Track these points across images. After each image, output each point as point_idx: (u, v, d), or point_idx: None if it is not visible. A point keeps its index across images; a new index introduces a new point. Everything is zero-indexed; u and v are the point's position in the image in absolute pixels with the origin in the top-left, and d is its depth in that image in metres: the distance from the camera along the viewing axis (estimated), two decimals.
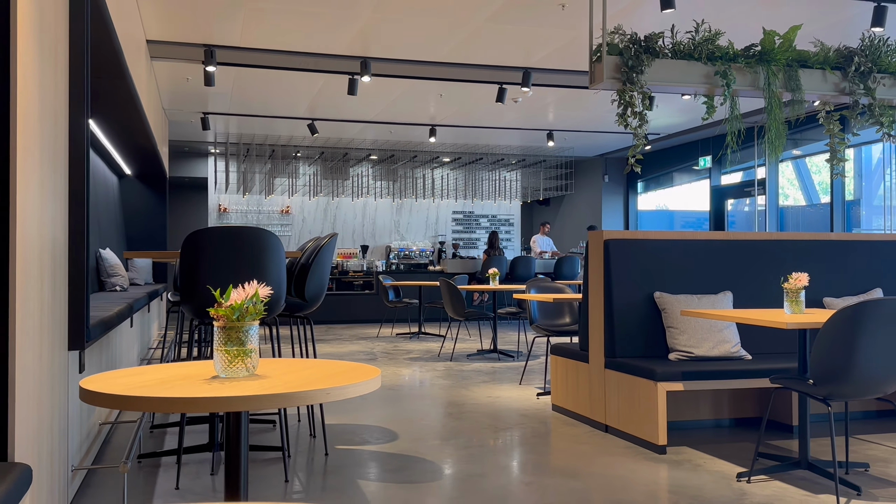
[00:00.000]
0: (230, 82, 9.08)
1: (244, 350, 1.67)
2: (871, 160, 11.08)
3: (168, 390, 1.61)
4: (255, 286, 1.70)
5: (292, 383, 1.61)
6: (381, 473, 3.79)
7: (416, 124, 11.66)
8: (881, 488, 3.46)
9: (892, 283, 5.02)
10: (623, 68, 4.48)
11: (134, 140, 7.16)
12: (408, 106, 10.45)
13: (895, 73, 4.86)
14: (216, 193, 14.10)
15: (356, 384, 1.58)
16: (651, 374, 4.16)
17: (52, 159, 2.60)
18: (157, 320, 9.85)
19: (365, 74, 7.91)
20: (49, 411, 2.53)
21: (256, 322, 1.70)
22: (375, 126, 11.88)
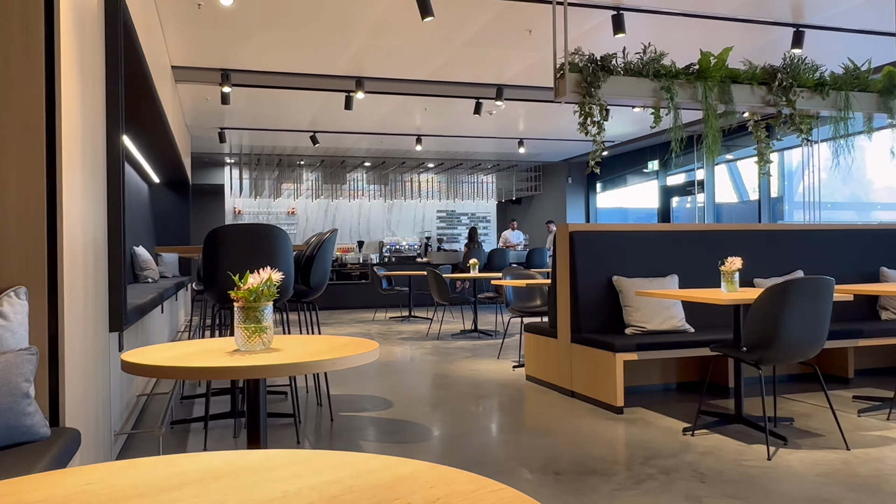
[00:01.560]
0: (244, 101, 9.03)
1: (260, 327, 1.69)
2: (792, 163, 11.21)
3: (197, 361, 1.62)
4: (268, 271, 1.72)
5: (303, 355, 1.63)
6: (379, 436, 3.81)
7: (404, 134, 11.65)
8: (804, 438, 3.53)
9: (812, 265, 5.09)
10: (583, 84, 4.50)
11: (161, 152, 7.12)
12: (397, 118, 10.44)
13: (812, 87, 4.91)
14: (231, 197, 14.03)
15: (358, 355, 1.60)
16: (610, 346, 4.21)
17: (93, 169, 2.59)
18: (184, 308, 9.80)
19: (359, 91, 7.90)
20: (94, 384, 2.53)
21: (270, 302, 1.72)
22: (369, 136, 11.85)
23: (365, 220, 14.95)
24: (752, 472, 2.98)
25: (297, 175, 14.28)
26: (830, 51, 6.67)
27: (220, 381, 4.53)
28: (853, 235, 5.36)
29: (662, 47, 4.92)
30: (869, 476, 2.90)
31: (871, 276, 5.22)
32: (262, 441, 1.73)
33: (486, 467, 3.13)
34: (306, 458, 0.80)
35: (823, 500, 2.64)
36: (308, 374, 4.91)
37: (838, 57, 5.61)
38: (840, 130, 5.19)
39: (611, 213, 15.71)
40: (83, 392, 2.28)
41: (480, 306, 11.78)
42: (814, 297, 3.22)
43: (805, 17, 6.20)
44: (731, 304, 3.56)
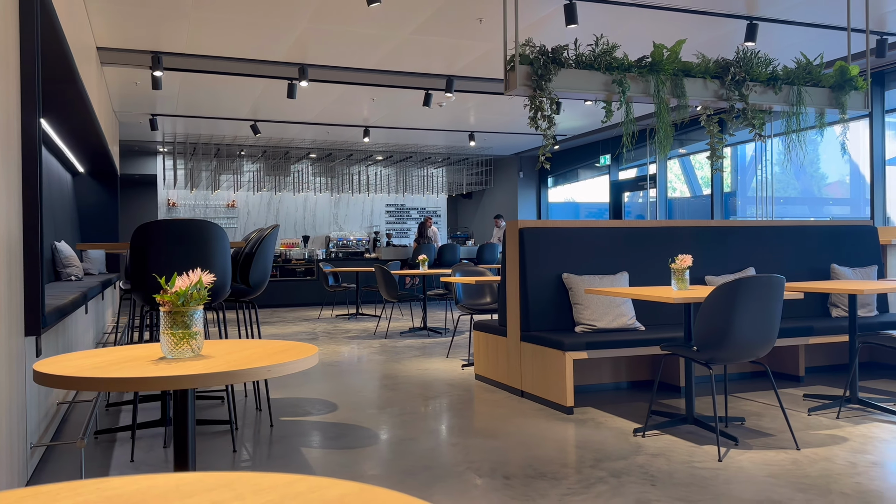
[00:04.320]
0: (177, 86, 8.78)
1: (189, 333, 1.63)
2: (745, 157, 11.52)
3: (116, 371, 1.55)
4: (198, 273, 1.65)
5: (235, 362, 1.57)
6: (322, 441, 3.75)
7: (351, 125, 11.53)
8: (754, 438, 3.62)
9: (763, 262, 5.23)
10: (533, 77, 4.51)
11: (86, 140, 6.86)
12: (343, 109, 10.32)
13: (765, 81, 5.04)
14: (165, 189, 13.66)
15: (294, 361, 1.55)
16: (560, 344, 4.24)
17: (5, 157, 2.46)
18: (111, 307, 9.49)
19: (303, 80, 7.77)
20: (7, 393, 2.41)
21: (200, 307, 1.65)
22: (314, 127, 11.69)
23: (310, 214, 14.76)
24: (702, 474, 3.04)
25: (238, 166, 13.99)
26: (783, 45, 6.88)
27: None
28: (805, 232, 5.53)
29: (616, 39, 4.97)
30: (818, 476, 2.99)
31: (823, 273, 5.40)
32: (190, 457, 1.67)
33: (433, 472, 3.11)
34: (227, 481, 0.76)
35: (773, 501, 2.71)
36: None
37: (791, 51, 5.78)
38: (792, 125, 5.34)
39: (563, 207, 15.89)
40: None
41: (430, 303, 11.78)
42: (764, 295, 3.30)
43: (759, 10, 6.36)
44: (681, 303, 3.62)
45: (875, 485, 2.88)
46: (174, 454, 1.70)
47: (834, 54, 6.65)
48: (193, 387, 1.45)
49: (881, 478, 2.97)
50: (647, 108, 5.40)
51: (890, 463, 3.19)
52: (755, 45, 5.91)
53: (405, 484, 2.98)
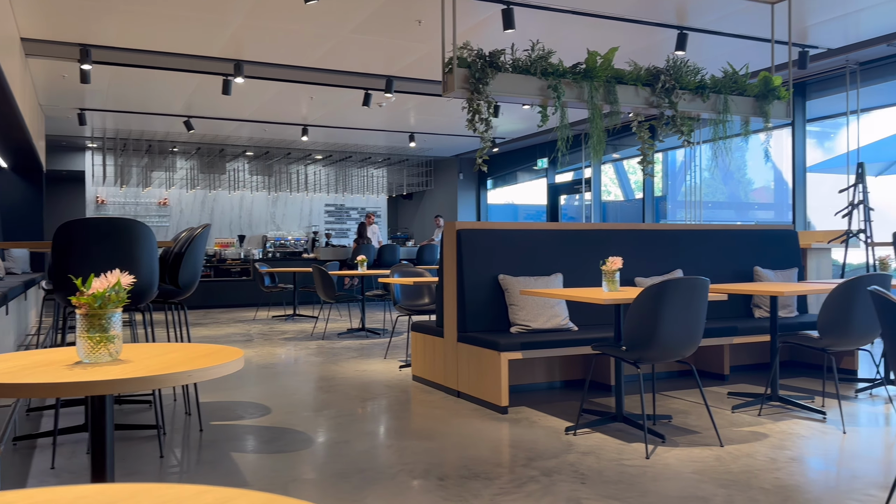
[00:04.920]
0: (106, 80, 8.48)
1: (107, 336, 1.56)
2: (675, 163, 11.86)
3: (29, 376, 1.48)
4: (116, 275, 1.59)
5: (154, 367, 1.52)
6: (253, 445, 3.68)
7: (289, 124, 11.36)
8: (681, 435, 3.72)
9: (691, 265, 5.39)
10: (471, 79, 4.53)
11: (8, 134, 6.56)
12: (281, 106, 10.15)
13: (693, 89, 5.19)
14: (94, 186, 13.17)
15: (217, 366, 1.51)
16: (495, 345, 4.27)
17: None
18: (35, 308, 9.09)
19: (238, 76, 7.61)
20: None
21: (119, 309, 1.59)
22: (250, 124, 11.46)
23: (247, 213, 14.48)
24: (630, 472, 3.11)
25: (170, 163, 13.60)
26: (712, 55, 7.10)
27: None
28: (730, 236, 5.73)
29: (552, 45, 5.04)
30: (740, 472, 3.10)
31: (746, 276, 5.59)
32: (108, 465, 1.60)
33: (366, 475, 3.09)
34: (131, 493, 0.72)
35: (697, 497, 2.79)
36: None
37: (719, 61, 5.97)
38: (719, 132, 5.52)
39: (502, 209, 16.04)
40: None
41: (369, 304, 11.70)
42: (689, 297, 3.39)
43: (689, 20, 6.55)
44: (611, 304, 3.69)
45: (793, 479, 2.99)
46: (91, 462, 1.63)
47: (759, 65, 6.91)
48: (109, 393, 1.39)
49: (799, 472, 3.09)
50: (583, 113, 5.49)
51: (807, 458, 3.33)
52: (685, 55, 6.08)
53: (337, 488, 2.95)
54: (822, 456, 3.38)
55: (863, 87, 8.01)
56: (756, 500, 2.75)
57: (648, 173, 5.70)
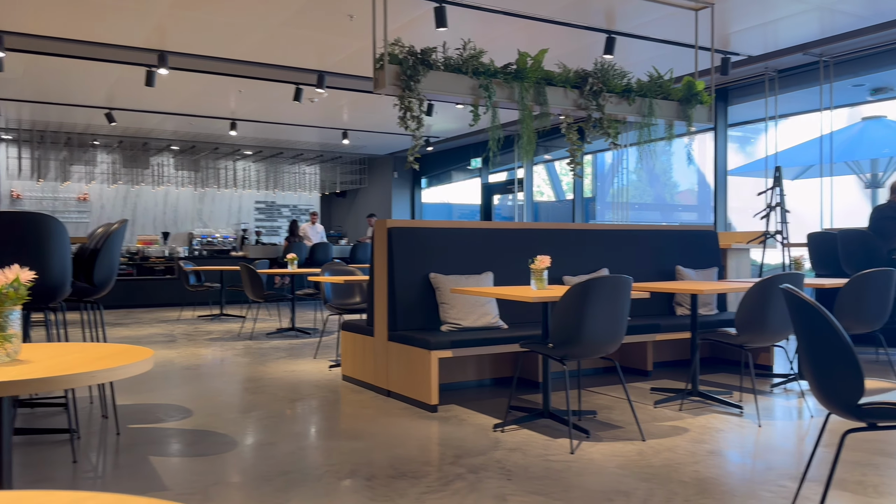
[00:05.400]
0: (21, 68, 8.07)
1: (3, 335, 1.47)
2: (604, 165, 12.14)
3: None
4: (16, 270, 1.50)
5: (55, 367, 1.44)
6: (174, 449, 3.56)
7: (216, 117, 11.07)
8: (605, 430, 3.80)
9: (617, 264, 5.51)
10: (402, 76, 4.51)
11: None
12: (208, 100, 9.88)
13: (620, 93, 5.31)
14: (8, 179, 12.53)
15: (124, 366, 1.44)
16: (426, 343, 4.26)
17: None
18: None
19: (162, 67, 7.37)
20: None
21: (18, 307, 1.50)
22: (176, 117, 11.12)
23: (172, 210, 14.04)
24: (555, 467, 3.15)
25: (91, 156, 13.07)
26: (638, 59, 7.29)
27: None
28: (654, 235, 5.89)
29: (484, 45, 5.07)
30: (661, 466, 3.18)
31: (669, 274, 5.76)
32: (6, 472, 1.51)
33: (291, 477, 3.03)
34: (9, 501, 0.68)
35: (619, 492, 2.85)
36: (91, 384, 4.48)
37: (645, 65, 6.14)
38: (644, 136, 5.66)
39: (437, 208, 16.08)
40: None
41: (300, 304, 11.52)
42: (613, 294, 3.47)
43: (617, 25, 6.71)
44: (539, 302, 3.74)
45: (711, 472, 3.10)
46: None
47: (683, 70, 7.12)
48: (4, 395, 1.31)
49: (717, 465, 3.20)
50: (515, 113, 5.54)
51: (725, 451, 3.45)
52: (613, 58, 6.23)
53: (261, 490, 2.88)
54: (739, 449, 3.51)
55: (781, 93, 8.38)
56: (675, 493, 2.83)
57: (577, 174, 5.81)
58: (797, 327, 2.38)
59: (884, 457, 3.28)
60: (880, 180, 9.53)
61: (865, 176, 10.29)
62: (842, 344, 2.19)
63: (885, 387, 2.40)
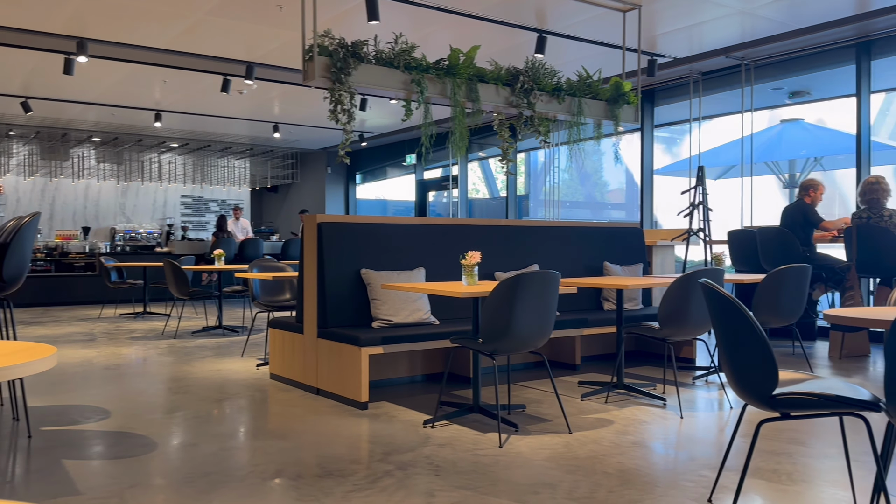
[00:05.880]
0: None
1: None
2: (537, 163, 12.31)
3: None
4: None
5: None
6: (89, 451, 3.41)
7: (140, 108, 10.68)
8: (534, 424, 3.85)
9: (547, 260, 5.59)
10: (332, 69, 4.44)
11: None
12: (131, 90, 9.52)
13: (550, 91, 5.37)
14: None
15: (21, 364, 1.36)
16: (356, 340, 4.22)
17: None
18: None
19: (81, 55, 7.06)
20: None
21: None
22: (97, 108, 10.68)
23: (93, 204, 13.49)
24: (484, 462, 3.17)
25: (6, 147, 12.41)
26: (568, 59, 7.42)
27: None
28: (583, 232, 6.00)
29: (417, 40, 5.05)
30: (586, 458, 3.24)
31: (597, 270, 5.88)
32: None
33: (213, 478, 2.95)
34: None
35: (545, 484, 2.89)
36: (2, 383, 4.26)
37: (575, 65, 6.24)
38: (574, 135, 5.76)
39: (372, 204, 15.96)
40: None
41: (228, 301, 11.26)
42: (541, 290, 3.51)
43: (548, 24, 6.79)
44: (469, 297, 3.76)
45: (634, 463, 3.17)
46: None
47: (611, 71, 7.28)
48: None
49: (640, 456, 3.28)
50: (449, 110, 5.55)
51: (648, 442, 3.54)
52: (544, 57, 6.30)
53: (180, 493, 2.79)
54: (662, 440, 3.61)
55: (705, 95, 8.67)
56: (600, 484, 2.88)
57: (510, 172, 5.86)
58: (715, 321, 2.46)
59: (797, 445, 3.44)
60: (797, 180, 10.00)
61: (784, 176, 10.76)
62: (756, 336, 2.28)
63: (798, 378, 2.51)
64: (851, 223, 6.17)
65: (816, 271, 6.16)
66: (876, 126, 9.29)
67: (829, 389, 2.31)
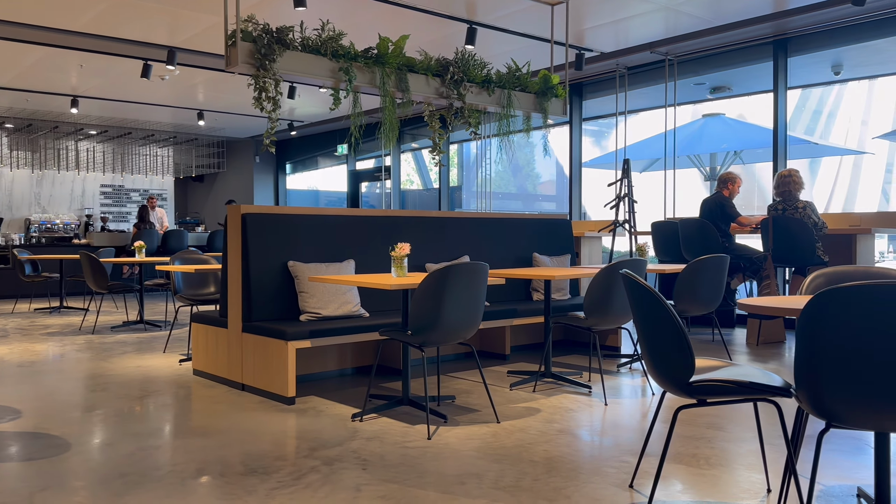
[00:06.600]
0: None
1: None
2: (470, 155, 12.36)
3: None
4: None
5: None
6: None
7: (55, 94, 10.17)
8: (463, 415, 3.86)
9: (478, 251, 5.62)
10: (256, 55, 4.32)
11: None
12: (45, 74, 9.06)
13: (480, 83, 5.38)
14: None
15: None
16: (282, 334, 4.14)
17: None
18: None
19: None
20: None
21: None
22: (9, 93, 10.12)
23: (6, 193, 12.81)
24: (412, 454, 3.16)
25: None
26: (498, 51, 7.45)
27: None
28: (513, 224, 6.05)
29: (345, 28, 4.96)
30: (513, 447, 3.27)
31: (527, 261, 5.95)
32: None
33: (129, 479, 2.84)
34: None
35: (472, 474, 2.90)
36: None
37: (504, 57, 6.26)
38: (504, 127, 5.79)
39: (304, 195, 15.70)
40: None
41: (150, 294, 10.89)
42: (469, 281, 3.52)
43: (478, 16, 6.80)
44: (398, 289, 3.73)
45: (559, 450, 3.22)
46: None
47: (540, 64, 7.35)
48: None
49: (566, 444, 3.34)
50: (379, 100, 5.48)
51: (574, 430, 3.60)
52: (474, 49, 6.31)
53: (95, 496, 2.68)
54: (587, 427, 3.69)
55: (630, 90, 8.87)
56: (525, 472, 2.92)
57: (441, 163, 5.85)
58: (634, 310, 2.51)
59: (715, 430, 3.56)
60: (718, 173, 10.36)
61: (705, 169, 11.14)
62: (673, 325, 2.34)
63: (714, 365, 2.59)
64: (767, 215, 6.42)
65: (735, 261, 6.39)
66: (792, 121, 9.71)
67: (744, 376, 2.39)
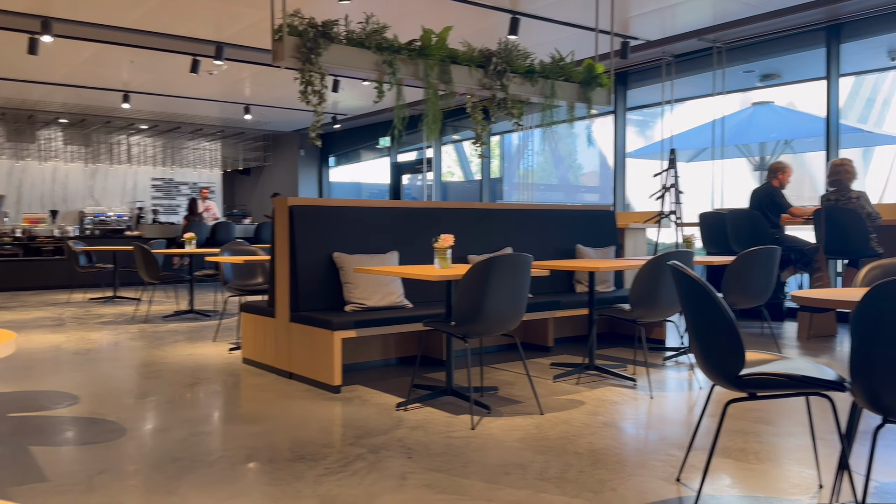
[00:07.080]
0: None
1: None
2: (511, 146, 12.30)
3: None
4: None
5: None
6: (56, 438, 3.36)
7: (108, 89, 10.45)
8: (506, 406, 3.86)
9: (520, 242, 5.60)
10: (302, 49, 4.36)
11: None
12: (98, 70, 9.31)
13: (523, 73, 5.34)
14: None
15: None
16: (328, 324, 4.20)
17: None
18: None
19: (46, 34, 6.87)
20: None
21: None
22: (64, 89, 10.43)
23: (61, 187, 13.23)
24: (456, 444, 3.18)
25: None
26: (542, 41, 7.39)
27: None
28: (556, 215, 6.01)
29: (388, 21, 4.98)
30: (557, 438, 3.27)
31: (570, 253, 5.91)
32: None
33: (182, 463, 2.92)
34: None
35: (516, 465, 2.91)
36: None
37: (548, 47, 6.20)
38: (547, 117, 5.74)
39: (346, 187, 15.84)
40: None
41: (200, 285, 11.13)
42: (513, 272, 3.51)
43: (521, 6, 6.75)
44: (442, 280, 3.75)
45: (604, 443, 3.20)
46: None
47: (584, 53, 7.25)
48: None
49: (610, 436, 3.31)
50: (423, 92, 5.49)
51: (618, 422, 3.58)
52: (517, 39, 6.27)
53: (149, 479, 2.76)
54: (632, 420, 3.65)
55: (677, 78, 8.70)
56: (570, 464, 2.91)
57: (483, 154, 5.84)
58: (683, 302, 2.48)
59: (764, 424, 3.49)
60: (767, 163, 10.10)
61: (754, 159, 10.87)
62: (723, 317, 2.30)
63: (765, 358, 2.54)
64: (820, 205, 6.25)
65: (785, 253, 6.24)
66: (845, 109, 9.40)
67: (795, 370, 2.34)
